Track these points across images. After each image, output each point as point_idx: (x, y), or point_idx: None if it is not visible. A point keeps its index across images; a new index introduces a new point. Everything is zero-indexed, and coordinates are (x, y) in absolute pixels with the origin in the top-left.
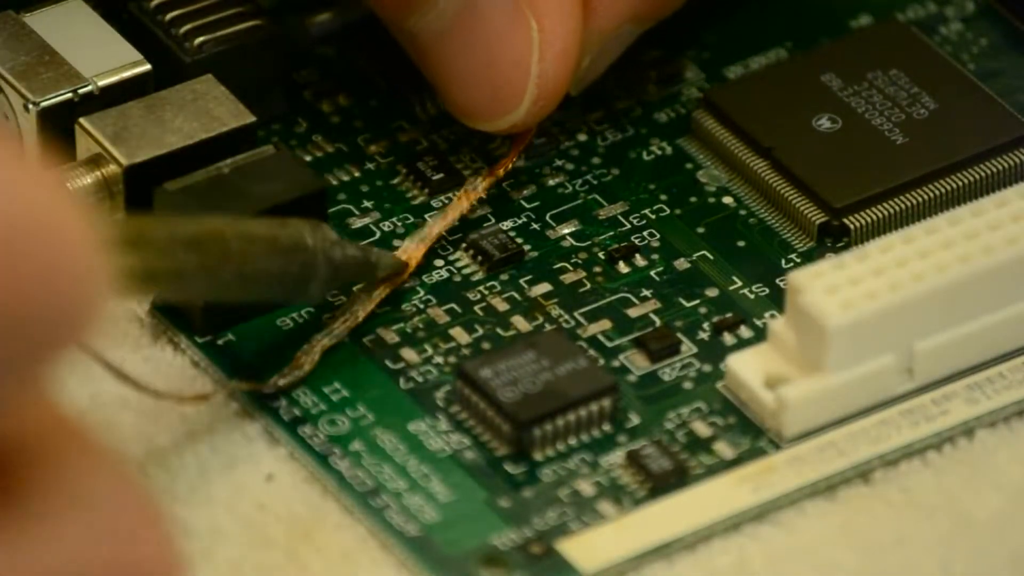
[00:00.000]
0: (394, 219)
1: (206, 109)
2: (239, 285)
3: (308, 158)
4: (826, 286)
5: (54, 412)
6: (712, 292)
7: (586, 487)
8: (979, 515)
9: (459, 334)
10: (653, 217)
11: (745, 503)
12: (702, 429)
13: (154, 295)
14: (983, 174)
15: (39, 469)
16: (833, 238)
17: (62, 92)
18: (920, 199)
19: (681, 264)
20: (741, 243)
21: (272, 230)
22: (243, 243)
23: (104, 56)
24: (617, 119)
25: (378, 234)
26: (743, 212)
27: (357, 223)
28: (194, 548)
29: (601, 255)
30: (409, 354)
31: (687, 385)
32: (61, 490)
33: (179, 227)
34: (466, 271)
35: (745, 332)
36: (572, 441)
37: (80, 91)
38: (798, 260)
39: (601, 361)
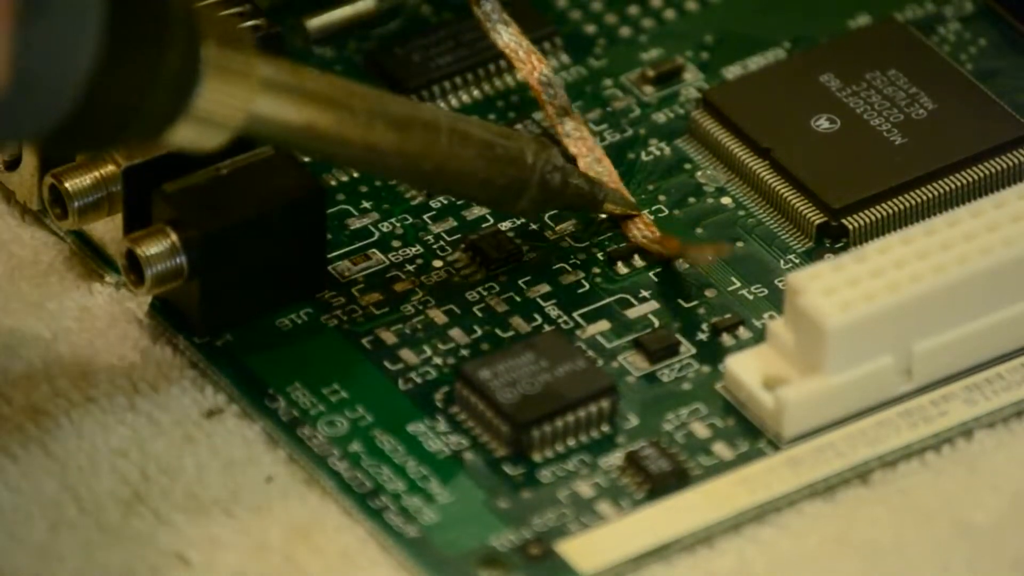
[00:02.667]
0: (393, 220)
1: None
2: (436, 178)
3: (306, 158)
4: (825, 287)
5: None
6: (711, 293)
7: (585, 488)
8: (977, 517)
9: (458, 335)
10: (652, 218)
11: (744, 504)
12: (701, 430)
13: (322, 157)
14: (981, 175)
15: None
16: (832, 239)
17: None
18: (919, 200)
19: (680, 265)
20: (740, 244)
21: (493, 137)
22: (455, 140)
23: None
24: (616, 120)
25: (377, 235)
26: (742, 213)
27: (356, 224)
28: (194, 551)
29: (600, 256)
30: (408, 355)
31: (686, 386)
32: None
33: (391, 104)
34: (465, 272)
35: (744, 333)
36: (571, 442)
37: None
38: (797, 261)
39: (600, 362)
